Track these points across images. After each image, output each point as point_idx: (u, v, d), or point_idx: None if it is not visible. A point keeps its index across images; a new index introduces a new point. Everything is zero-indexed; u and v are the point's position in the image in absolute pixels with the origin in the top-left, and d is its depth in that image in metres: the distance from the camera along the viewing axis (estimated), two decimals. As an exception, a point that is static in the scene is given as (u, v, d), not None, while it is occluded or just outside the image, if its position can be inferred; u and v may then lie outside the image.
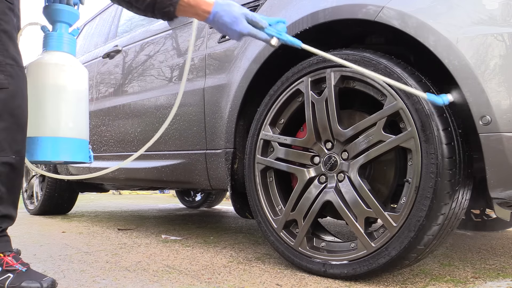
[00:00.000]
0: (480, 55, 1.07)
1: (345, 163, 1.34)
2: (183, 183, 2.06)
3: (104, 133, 2.54)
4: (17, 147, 1.14)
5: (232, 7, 1.12)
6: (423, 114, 1.14)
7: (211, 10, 1.11)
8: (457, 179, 1.13)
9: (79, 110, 1.35)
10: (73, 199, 3.48)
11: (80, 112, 1.35)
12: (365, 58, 1.27)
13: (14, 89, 1.12)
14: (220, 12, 1.11)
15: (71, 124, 1.32)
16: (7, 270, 1.11)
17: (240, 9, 1.13)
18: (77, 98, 1.35)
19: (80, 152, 1.34)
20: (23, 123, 1.16)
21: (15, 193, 1.18)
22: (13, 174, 1.15)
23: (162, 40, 2.17)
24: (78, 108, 1.34)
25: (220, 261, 1.59)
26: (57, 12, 1.35)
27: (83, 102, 1.37)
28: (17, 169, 1.15)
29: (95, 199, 6.18)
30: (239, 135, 1.69)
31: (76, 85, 1.34)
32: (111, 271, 1.41)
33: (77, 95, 1.35)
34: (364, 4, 1.26)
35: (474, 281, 1.33)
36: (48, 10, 1.36)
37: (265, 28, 1.16)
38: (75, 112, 1.34)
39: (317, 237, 1.43)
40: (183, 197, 4.64)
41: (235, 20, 1.11)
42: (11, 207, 1.17)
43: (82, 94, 1.36)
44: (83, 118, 1.36)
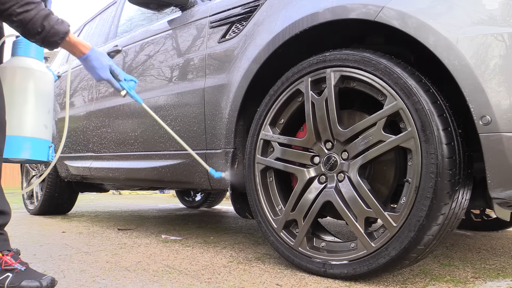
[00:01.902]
0: (480, 55, 1.07)
1: (345, 163, 1.34)
2: (183, 183, 2.06)
3: (104, 133, 2.54)
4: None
5: (103, 57, 1.39)
6: (423, 114, 1.14)
7: (87, 53, 1.34)
8: (457, 179, 1.13)
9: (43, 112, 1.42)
10: (73, 199, 3.49)
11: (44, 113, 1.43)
12: (365, 58, 1.27)
13: None
14: (92, 56, 1.36)
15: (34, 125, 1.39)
16: (6, 269, 1.11)
17: (108, 61, 1.41)
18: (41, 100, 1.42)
19: (40, 151, 1.42)
20: (3, 123, 1.19)
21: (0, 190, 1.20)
22: None
23: (162, 40, 2.17)
24: (42, 110, 1.42)
25: (220, 261, 1.59)
26: None
27: (48, 104, 1.44)
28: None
29: (95, 199, 6.18)
30: (239, 135, 1.69)
31: (41, 88, 1.42)
32: (111, 271, 1.41)
33: (42, 97, 1.42)
34: (364, 4, 1.26)
35: (474, 281, 1.33)
36: None
37: (120, 81, 1.47)
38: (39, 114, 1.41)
39: (317, 237, 1.43)
40: (183, 197, 4.64)
41: (101, 67, 1.38)
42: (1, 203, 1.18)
43: (46, 97, 1.44)
44: (46, 119, 1.43)
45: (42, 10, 1.19)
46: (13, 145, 1.33)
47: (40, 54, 1.45)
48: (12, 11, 1.13)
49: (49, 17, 1.19)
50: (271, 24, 1.56)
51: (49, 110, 1.44)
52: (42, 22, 1.17)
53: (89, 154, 2.72)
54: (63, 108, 3.11)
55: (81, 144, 2.81)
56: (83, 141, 2.78)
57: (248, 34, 1.66)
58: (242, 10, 1.73)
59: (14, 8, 1.13)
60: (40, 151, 1.41)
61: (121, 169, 2.37)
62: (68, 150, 2.96)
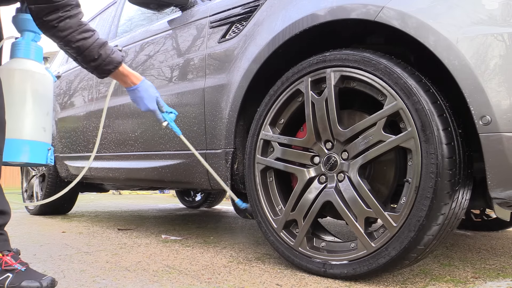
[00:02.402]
0: (480, 55, 1.07)
1: (345, 163, 1.34)
2: (183, 183, 2.06)
3: (104, 133, 2.54)
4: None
5: (151, 88, 1.49)
6: (423, 114, 1.14)
7: (138, 84, 1.43)
8: (457, 179, 1.13)
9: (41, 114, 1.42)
10: (73, 199, 3.48)
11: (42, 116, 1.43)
12: (365, 58, 1.27)
13: None
14: (142, 87, 1.45)
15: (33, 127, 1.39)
16: (6, 269, 1.11)
17: (155, 92, 1.50)
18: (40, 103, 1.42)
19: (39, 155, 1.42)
20: (3, 124, 1.19)
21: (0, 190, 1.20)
22: None
23: (162, 40, 2.17)
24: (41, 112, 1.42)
25: (220, 261, 1.59)
26: (25, 22, 1.42)
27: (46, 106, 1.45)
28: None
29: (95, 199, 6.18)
30: (239, 135, 1.69)
31: (40, 90, 1.42)
32: (111, 271, 1.41)
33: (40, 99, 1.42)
34: (364, 4, 1.26)
35: (474, 281, 1.33)
36: (16, 19, 1.42)
37: (163, 113, 1.57)
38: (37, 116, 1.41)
39: (317, 237, 1.43)
40: (183, 197, 4.64)
41: (149, 98, 1.48)
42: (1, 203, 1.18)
43: (45, 99, 1.44)
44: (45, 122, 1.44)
45: (99, 38, 1.23)
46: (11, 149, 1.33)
47: (39, 56, 1.45)
48: (71, 37, 1.16)
49: (105, 46, 1.24)
50: (271, 24, 1.56)
51: (48, 112, 1.44)
52: (99, 50, 1.22)
53: (89, 154, 2.72)
54: (63, 108, 3.10)
55: (81, 144, 2.81)
56: (83, 141, 2.78)
57: (248, 34, 1.66)
58: (242, 10, 1.73)
59: (74, 34, 1.16)
60: (39, 154, 1.41)
61: (121, 169, 2.37)
62: (68, 150, 2.96)
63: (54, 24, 1.14)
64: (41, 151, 1.42)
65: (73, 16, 1.16)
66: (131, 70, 1.40)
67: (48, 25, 1.14)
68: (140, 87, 1.43)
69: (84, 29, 1.19)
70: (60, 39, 1.17)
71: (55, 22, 1.13)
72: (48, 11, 1.12)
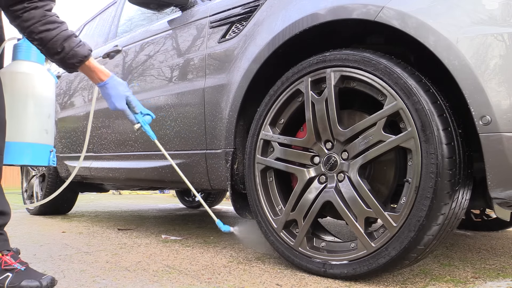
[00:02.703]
0: (480, 55, 1.07)
1: (345, 163, 1.34)
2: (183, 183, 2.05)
3: (104, 133, 2.54)
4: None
5: (120, 86, 1.39)
6: (423, 114, 1.14)
7: (105, 80, 1.35)
8: (457, 179, 1.13)
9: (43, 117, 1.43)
10: (73, 199, 3.48)
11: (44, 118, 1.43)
12: (365, 58, 1.27)
13: None
14: (110, 84, 1.36)
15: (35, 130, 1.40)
16: (6, 269, 1.11)
17: (125, 91, 1.40)
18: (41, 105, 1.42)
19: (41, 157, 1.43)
20: (3, 123, 1.19)
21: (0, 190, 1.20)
22: None
23: (162, 40, 2.17)
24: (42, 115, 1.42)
25: (220, 261, 1.59)
26: None
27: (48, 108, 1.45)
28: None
29: (95, 199, 6.18)
30: (239, 135, 1.69)
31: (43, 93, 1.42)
32: (111, 271, 1.41)
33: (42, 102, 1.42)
34: (364, 4, 1.26)
35: (474, 281, 1.33)
36: None
37: (136, 114, 1.46)
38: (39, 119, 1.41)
39: (317, 237, 1.43)
40: (183, 197, 4.64)
41: (117, 96, 1.38)
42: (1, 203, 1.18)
43: (46, 101, 1.44)
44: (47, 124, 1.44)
45: (64, 30, 1.19)
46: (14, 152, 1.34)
47: (41, 58, 1.45)
48: (34, 28, 1.14)
49: (70, 39, 1.20)
50: (271, 24, 1.55)
51: (50, 114, 1.44)
52: (62, 43, 1.18)
53: (89, 154, 2.72)
54: (63, 108, 3.11)
55: (81, 144, 2.81)
56: (83, 141, 2.78)
57: (248, 34, 1.66)
58: (242, 10, 1.73)
59: (37, 25, 1.14)
60: (41, 156, 1.42)
61: (121, 169, 2.37)
62: (68, 150, 2.96)
63: (19, 14, 1.12)
64: (43, 153, 1.43)
65: (39, 7, 1.14)
66: (99, 65, 1.33)
67: (13, 14, 1.13)
68: (107, 84, 1.35)
69: (48, 20, 1.16)
70: (23, 30, 1.15)
71: (19, 12, 1.12)
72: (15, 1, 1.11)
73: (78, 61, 1.23)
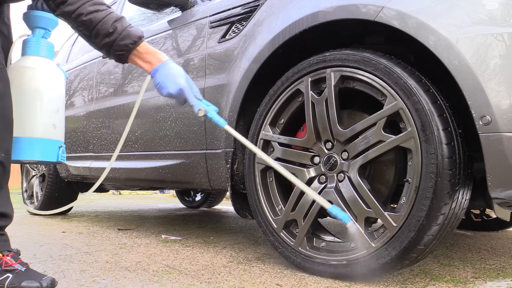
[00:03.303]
0: (480, 55, 1.07)
1: (345, 163, 1.34)
2: (183, 183, 2.06)
3: (104, 133, 2.54)
4: (6, 145, 1.16)
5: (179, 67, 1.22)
6: (423, 114, 1.14)
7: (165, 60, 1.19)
8: (457, 179, 1.13)
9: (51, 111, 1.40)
10: (73, 199, 3.48)
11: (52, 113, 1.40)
12: (365, 58, 1.27)
13: (2, 90, 1.14)
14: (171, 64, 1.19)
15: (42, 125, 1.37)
16: (6, 270, 1.11)
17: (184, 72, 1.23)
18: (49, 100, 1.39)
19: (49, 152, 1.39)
20: (10, 122, 1.18)
21: (5, 192, 1.20)
22: (3, 173, 1.16)
23: (162, 40, 2.16)
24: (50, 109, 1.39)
25: (220, 261, 1.59)
26: (36, 19, 1.40)
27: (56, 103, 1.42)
28: (6, 167, 1.17)
29: (95, 199, 6.18)
30: (239, 135, 1.69)
31: (51, 88, 1.39)
32: (111, 271, 1.41)
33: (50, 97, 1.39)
34: (364, 4, 1.26)
35: (474, 281, 1.33)
36: (27, 16, 1.41)
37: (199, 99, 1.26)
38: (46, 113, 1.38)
39: (317, 237, 1.43)
40: (183, 197, 4.64)
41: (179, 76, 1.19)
42: (5, 205, 1.18)
43: (55, 97, 1.41)
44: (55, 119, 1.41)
45: (113, 12, 1.12)
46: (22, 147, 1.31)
47: (50, 53, 1.42)
48: (82, 9, 1.07)
49: (122, 20, 1.12)
50: (271, 24, 1.55)
51: (58, 109, 1.40)
52: (114, 23, 1.10)
53: (89, 154, 2.72)
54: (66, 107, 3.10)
55: (81, 144, 2.81)
56: (83, 141, 2.78)
57: (248, 34, 1.66)
58: (242, 10, 1.73)
59: (85, 6, 1.07)
60: (50, 152, 1.38)
61: (122, 169, 2.37)
62: (68, 150, 2.96)
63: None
64: (51, 148, 1.39)
65: None
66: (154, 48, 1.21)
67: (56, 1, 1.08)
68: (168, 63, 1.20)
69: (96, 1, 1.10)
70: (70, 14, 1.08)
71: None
72: None
73: (133, 41, 1.12)
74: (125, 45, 1.12)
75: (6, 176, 1.19)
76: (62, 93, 1.45)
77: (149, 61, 1.18)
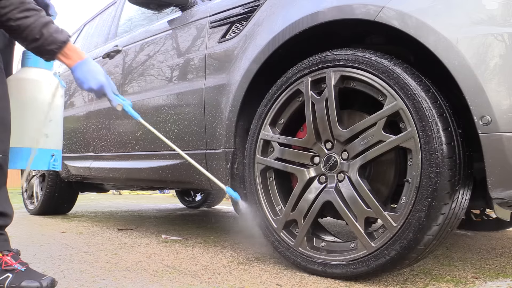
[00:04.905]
0: (480, 55, 1.07)
1: (345, 163, 1.34)
2: (184, 183, 2.06)
3: (104, 133, 2.54)
4: (3, 146, 1.18)
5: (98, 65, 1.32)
6: (423, 114, 1.14)
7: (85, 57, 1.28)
8: (457, 179, 1.13)
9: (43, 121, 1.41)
10: (73, 199, 3.48)
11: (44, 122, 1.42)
12: (365, 58, 1.27)
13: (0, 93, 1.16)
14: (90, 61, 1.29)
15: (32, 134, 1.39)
16: (6, 269, 1.11)
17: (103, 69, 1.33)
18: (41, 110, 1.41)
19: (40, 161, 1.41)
20: (8, 124, 1.19)
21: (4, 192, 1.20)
22: (1, 173, 1.18)
23: (162, 40, 2.16)
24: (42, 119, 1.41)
25: (220, 261, 1.59)
26: None
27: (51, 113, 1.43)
28: (3, 168, 1.19)
29: (95, 199, 6.18)
30: (239, 135, 1.69)
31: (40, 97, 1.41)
32: (111, 271, 1.41)
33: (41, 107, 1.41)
34: (364, 4, 1.26)
35: (474, 281, 1.33)
36: None
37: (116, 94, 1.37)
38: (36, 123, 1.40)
39: (317, 237, 1.43)
40: (183, 197, 4.64)
41: (99, 72, 1.29)
42: (4, 205, 1.18)
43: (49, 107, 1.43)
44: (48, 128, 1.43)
45: (42, 17, 1.17)
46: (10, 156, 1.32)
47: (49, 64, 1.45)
48: (11, 15, 1.12)
49: (48, 25, 1.18)
50: (271, 24, 1.55)
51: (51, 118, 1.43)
52: (41, 29, 1.16)
53: (89, 154, 2.72)
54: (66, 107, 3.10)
55: (81, 144, 2.81)
56: (83, 141, 2.78)
57: (248, 34, 1.66)
58: (242, 10, 1.73)
59: (14, 12, 1.12)
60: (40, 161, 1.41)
61: (122, 169, 2.37)
62: (68, 150, 2.96)
63: None
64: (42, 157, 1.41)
65: None
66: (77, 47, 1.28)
67: None
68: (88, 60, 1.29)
69: (26, 7, 1.15)
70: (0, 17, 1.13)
71: None
72: None
73: (58, 46, 1.20)
74: (51, 50, 1.20)
75: (4, 177, 1.20)
76: (57, 102, 1.46)
77: (71, 58, 1.26)
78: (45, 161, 1.42)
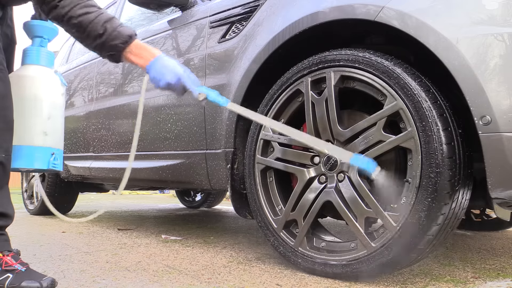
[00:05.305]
0: (480, 55, 1.07)
1: (345, 163, 1.34)
2: (184, 183, 2.05)
3: (104, 133, 2.54)
4: (6, 145, 1.17)
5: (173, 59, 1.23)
6: (423, 114, 1.14)
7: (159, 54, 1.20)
8: (457, 179, 1.13)
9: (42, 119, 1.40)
10: (73, 199, 3.48)
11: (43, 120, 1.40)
12: (365, 58, 1.27)
13: (3, 91, 1.15)
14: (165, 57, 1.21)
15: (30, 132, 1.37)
16: (6, 270, 1.11)
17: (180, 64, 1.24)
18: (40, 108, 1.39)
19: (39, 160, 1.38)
20: (11, 123, 1.19)
21: (5, 192, 1.20)
22: (3, 173, 1.17)
23: (162, 40, 2.16)
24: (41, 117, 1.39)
25: (220, 261, 1.59)
26: (35, 28, 1.42)
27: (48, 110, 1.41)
28: (6, 168, 1.18)
29: (95, 199, 6.18)
30: (239, 135, 1.69)
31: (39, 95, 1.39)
32: (111, 271, 1.41)
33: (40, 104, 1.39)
34: (364, 4, 1.26)
35: (474, 281, 1.33)
36: (26, 26, 1.43)
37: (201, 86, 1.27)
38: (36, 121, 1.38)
39: (317, 237, 1.43)
40: (183, 197, 4.64)
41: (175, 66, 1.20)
42: (5, 205, 1.18)
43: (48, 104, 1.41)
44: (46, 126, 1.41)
45: (103, 13, 1.15)
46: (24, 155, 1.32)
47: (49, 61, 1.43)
48: (72, 13, 1.11)
49: (112, 20, 1.15)
50: (271, 24, 1.55)
51: (50, 116, 1.40)
52: (104, 24, 1.12)
53: (89, 154, 2.72)
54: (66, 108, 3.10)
55: (81, 144, 2.81)
56: (83, 141, 2.78)
57: (248, 34, 1.66)
58: (242, 10, 1.73)
59: (75, 9, 1.11)
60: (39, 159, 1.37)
61: (122, 169, 2.37)
62: (68, 150, 2.96)
63: (56, 3, 1.11)
64: (41, 156, 1.38)
65: None
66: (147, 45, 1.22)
67: (50, 5, 1.11)
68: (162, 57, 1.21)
69: (86, 4, 1.13)
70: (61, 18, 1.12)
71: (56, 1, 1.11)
72: None
73: (123, 41, 1.14)
74: (116, 45, 1.15)
75: (6, 176, 1.20)
76: (57, 100, 1.44)
77: (143, 57, 1.19)
78: (45, 160, 1.38)
